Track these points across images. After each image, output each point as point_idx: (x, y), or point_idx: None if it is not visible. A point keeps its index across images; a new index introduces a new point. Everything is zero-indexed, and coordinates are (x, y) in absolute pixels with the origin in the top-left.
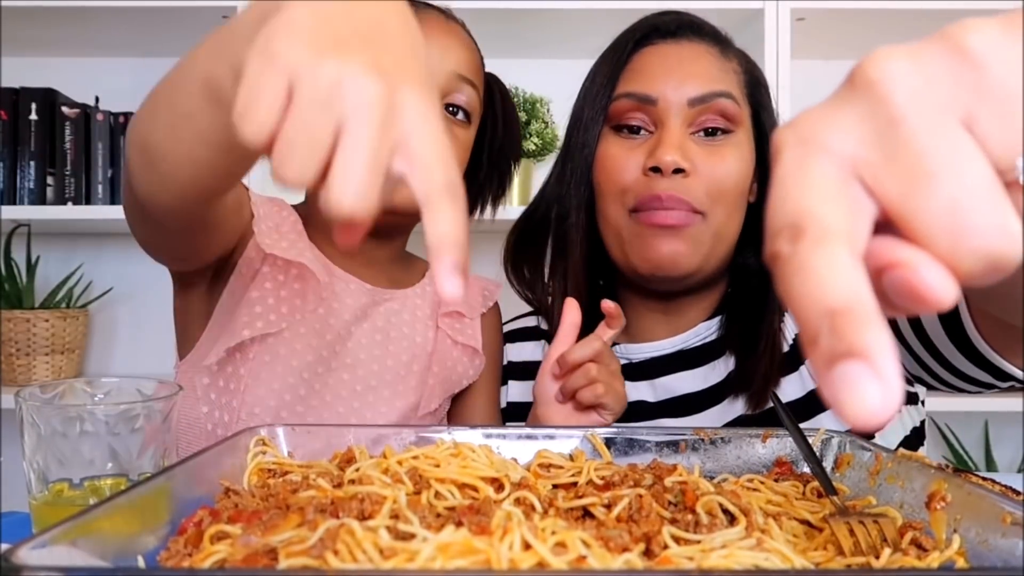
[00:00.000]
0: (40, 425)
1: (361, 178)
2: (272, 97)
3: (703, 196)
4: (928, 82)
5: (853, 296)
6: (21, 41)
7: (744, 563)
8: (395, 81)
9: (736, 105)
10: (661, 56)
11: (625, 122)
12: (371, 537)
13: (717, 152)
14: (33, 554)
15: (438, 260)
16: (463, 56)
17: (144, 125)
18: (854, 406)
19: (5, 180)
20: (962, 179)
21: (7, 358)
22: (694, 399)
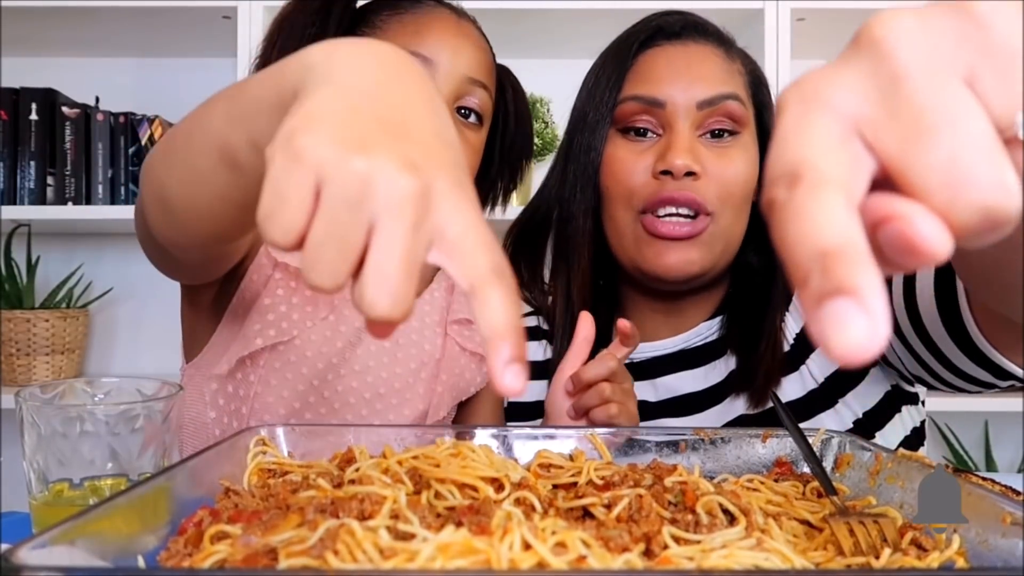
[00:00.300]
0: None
1: (397, 282)
2: (299, 198)
3: (713, 198)
4: (931, 40)
5: (845, 238)
6: (21, 41)
7: (744, 563)
8: (426, 173)
9: (743, 107)
10: (668, 58)
11: (632, 124)
12: (371, 537)
13: (725, 154)
14: (33, 554)
15: (494, 353)
16: (475, 58)
17: (160, 174)
18: (840, 340)
19: (5, 180)
20: (961, 134)
21: (7, 358)
22: (695, 399)
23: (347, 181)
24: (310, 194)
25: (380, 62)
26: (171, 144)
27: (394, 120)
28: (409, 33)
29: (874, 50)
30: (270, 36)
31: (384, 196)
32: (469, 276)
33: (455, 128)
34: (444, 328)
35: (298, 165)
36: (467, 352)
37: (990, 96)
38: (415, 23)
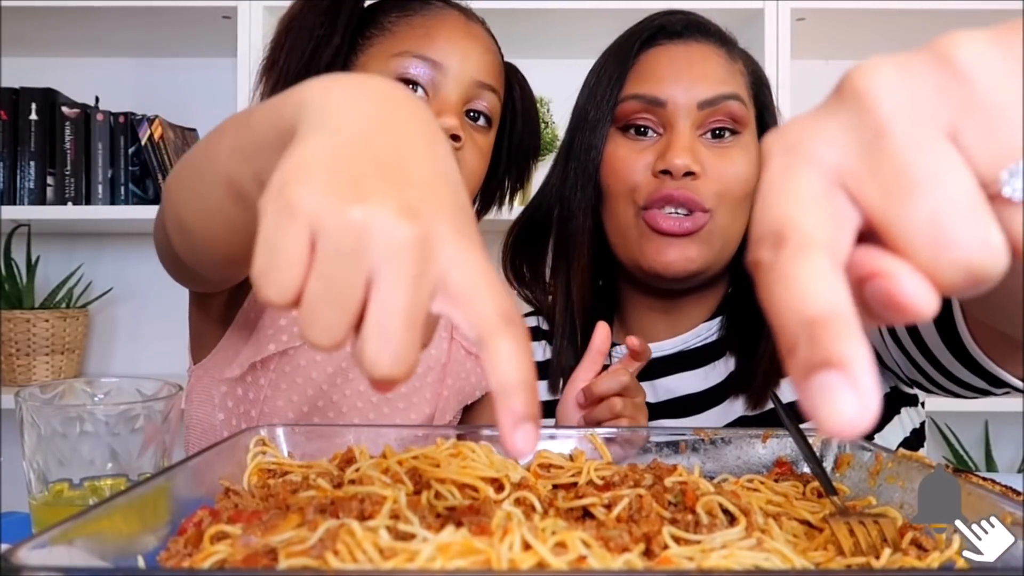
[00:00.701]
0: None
1: (399, 339)
2: (293, 253)
3: (711, 196)
4: (914, 94)
5: (832, 306)
6: (21, 41)
7: (744, 563)
8: (426, 218)
9: (744, 107)
10: (669, 57)
11: (633, 122)
12: (371, 537)
13: (726, 154)
14: (33, 554)
15: (504, 409)
16: (484, 61)
17: (176, 200)
18: (831, 416)
19: (5, 180)
20: (944, 191)
21: (7, 358)
22: (694, 400)
23: (342, 232)
24: (304, 248)
25: (376, 101)
26: (184, 172)
27: (391, 163)
28: (419, 36)
29: (857, 102)
30: (277, 38)
31: (382, 246)
32: (476, 325)
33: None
34: (450, 332)
35: (291, 218)
36: (472, 356)
37: (973, 151)
38: (424, 25)
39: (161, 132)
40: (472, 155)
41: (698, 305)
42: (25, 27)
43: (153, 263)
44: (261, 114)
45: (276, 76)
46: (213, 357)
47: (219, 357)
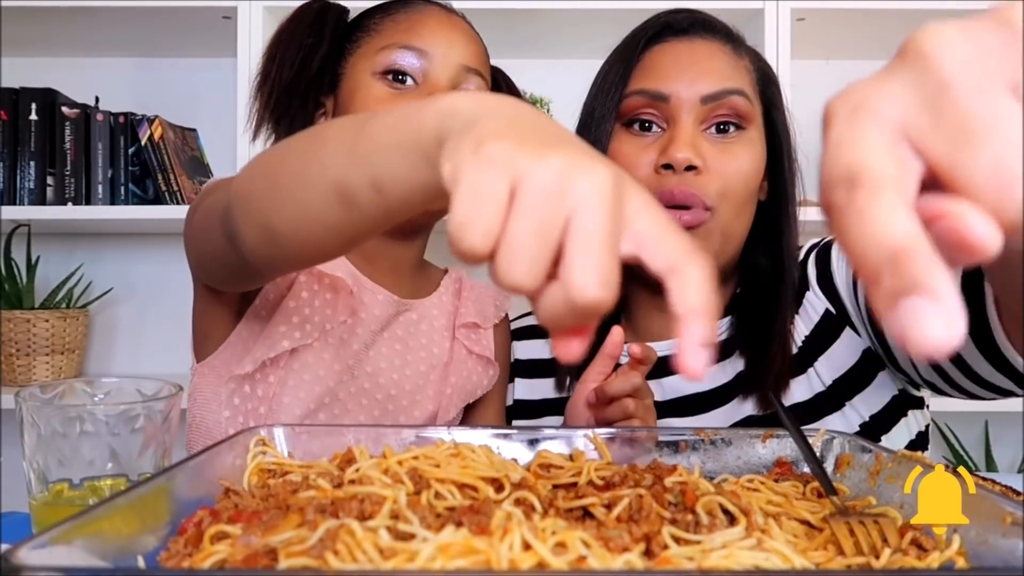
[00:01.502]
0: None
1: (605, 262)
2: (496, 202)
3: (713, 193)
4: (976, 52)
5: (912, 237)
6: (21, 41)
7: (744, 563)
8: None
9: (748, 103)
10: (674, 53)
11: (637, 117)
12: (371, 537)
13: (729, 149)
14: (33, 554)
15: (687, 332)
16: (468, 47)
17: (264, 206)
18: (922, 337)
19: (5, 180)
20: (1006, 137)
21: (7, 358)
22: (701, 399)
23: (546, 175)
24: (506, 196)
25: (522, 104)
26: (276, 178)
27: (563, 137)
28: (402, 30)
29: (921, 61)
30: (270, 51)
31: (585, 185)
32: (668, 257)
33: None
34: (452, 332)
35: (492, 167)
36: (474, 355)
37: None
38: (407, 20)
39: (161, 132)
40: None
41: None
42: (25, 27)
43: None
44: (388, 123)
45: (270, 87)
46: (220, 355)
47: (227, 354)
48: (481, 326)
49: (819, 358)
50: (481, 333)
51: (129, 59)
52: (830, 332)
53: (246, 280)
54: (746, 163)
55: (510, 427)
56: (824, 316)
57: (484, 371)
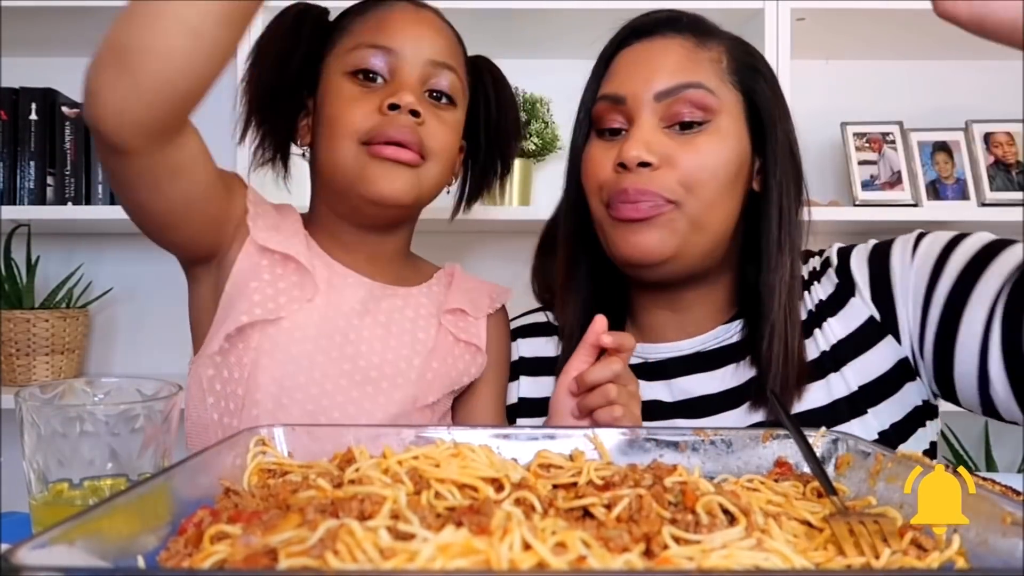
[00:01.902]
0: (40, 425)
1: None
2: None
3: (675, 186)
4: None
5: None
6: (21, 41)
7: (744, 563)
8: None
9: (710, 94)
10: (633, 56)
11: (606, 125)
12: (371, 537)
13: (690, 143)
14: (33, 554)
15: None
16: (436, 42)
17: (126, 27)
18: None
19: (5, 180)
20: None
21: (7, 358)
22: (711, 401)
23: None
24: None
25: None
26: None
27: None
28: (370, 29)
29: None
30: (252, 55)
31: None
32: None
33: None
34: (439, 319)
35: None
36: (461, 342)
37: None
38: (375, 19)
39: None
40: (439, 129)
41: (702, 301)
42: (25, 27)
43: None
44: None
45: (253, 90)
46: (205, 344)
47: (205, 341)
48: (469, 314)
49: (851, 362)
50: (470, 321)
51: None
52: (868, 339)
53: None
54: (710, 156)
55: (511, 426)
56: (866, 322)
57: (472, 359)
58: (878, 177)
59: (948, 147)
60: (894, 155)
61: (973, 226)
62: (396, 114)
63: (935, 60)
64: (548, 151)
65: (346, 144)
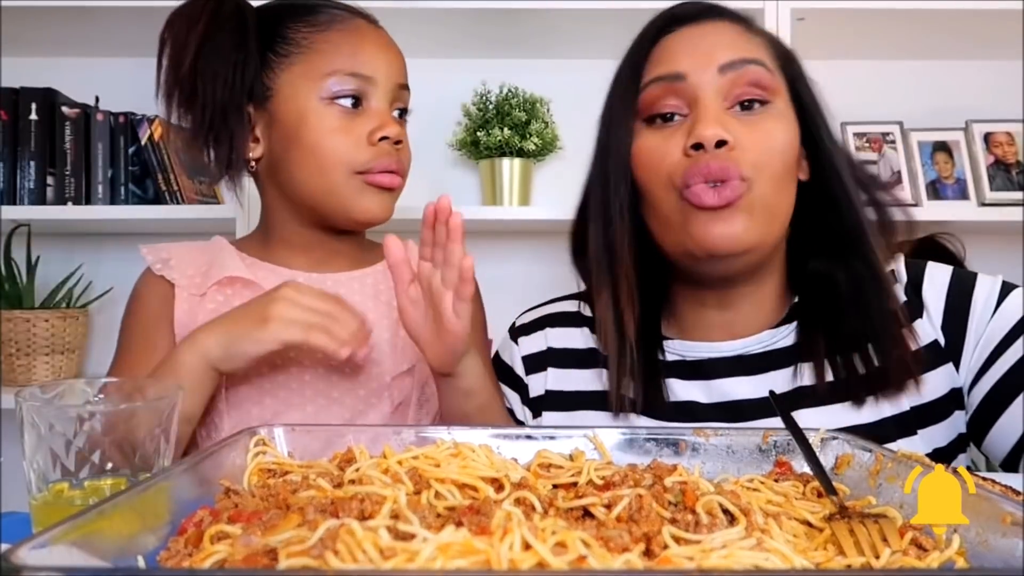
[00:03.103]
0: (40, 425)
1: None
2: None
3: (747, 165)
4: None
5: None
6: (21, 41)
7: (744, 563)
8: None
9: (769, 73)
10: (685, 37)
11: (658, 111)
12: (371, 537)
13: (758, 125)
14: (33, 554)
15: None
16: (400, 64)
17: None
18: None
19: (5, 180)
20: None
21: (7, 358)
22: (750, 406)
23: None
24: None
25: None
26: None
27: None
28: (345, 54)
29: None
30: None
31: None
32: None
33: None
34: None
35: None
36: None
37: None
38: (347, 42)
39: (161, 132)
40: (406, 148)
41: (752, 300)
42: (25, 27)
43: None
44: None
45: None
46: None
47: None
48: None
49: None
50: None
51: (129, 59)
52: (929, 362)
53: None
54: (778, 137)
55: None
56: (929, 345)
57: None
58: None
59: (948, 147)
60: (894, 155)
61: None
62: (385, 144)
63: (935, 60)
64: (548, 151)
65: (338, 173)
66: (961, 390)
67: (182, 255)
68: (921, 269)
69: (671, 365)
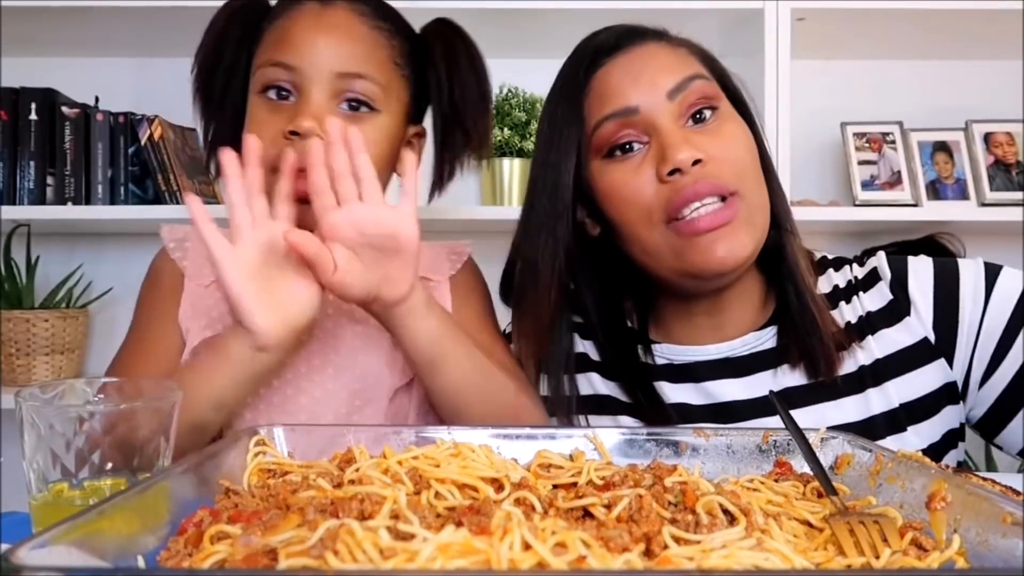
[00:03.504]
0: (40, 425)
1: None
2: None
3: (730, 176)
4: None
5: None
6: (21, 41)
7: (744, 563)
8: None
9: (709, 82)
10: (620, 68)
11: (616, 142)
12: (371, 537)
13: (717, 132)
14: (33, 554)
15: None
16: (340, 51)
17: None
18: None
19: (5, 180)
20: None
21: (7, 358)
22: (742, 407)
23: None
24: None
25: None
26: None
27: None
28: (275, 41)
29: None
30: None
31: None
32: None
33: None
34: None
35: None
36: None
37: None
38: (281, 28)
39: (161, 132)
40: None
41: (739, 301)
42: (25, 27)
43: None
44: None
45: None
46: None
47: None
48: (431, 279)
49: (895, 379)
50: (432, 286)
51: (129, 59)
52: (918, 359)
53: None
54: (740, 137)
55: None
56: (919, 343)
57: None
58: (878, 177)
59: (948, 147)
60: (894, 155)
61: (973, 226)
62: (297, 139)
63: (935, 60)
64: None
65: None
66: (955, 385)
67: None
68: (904, 265)
69: (660, 369)
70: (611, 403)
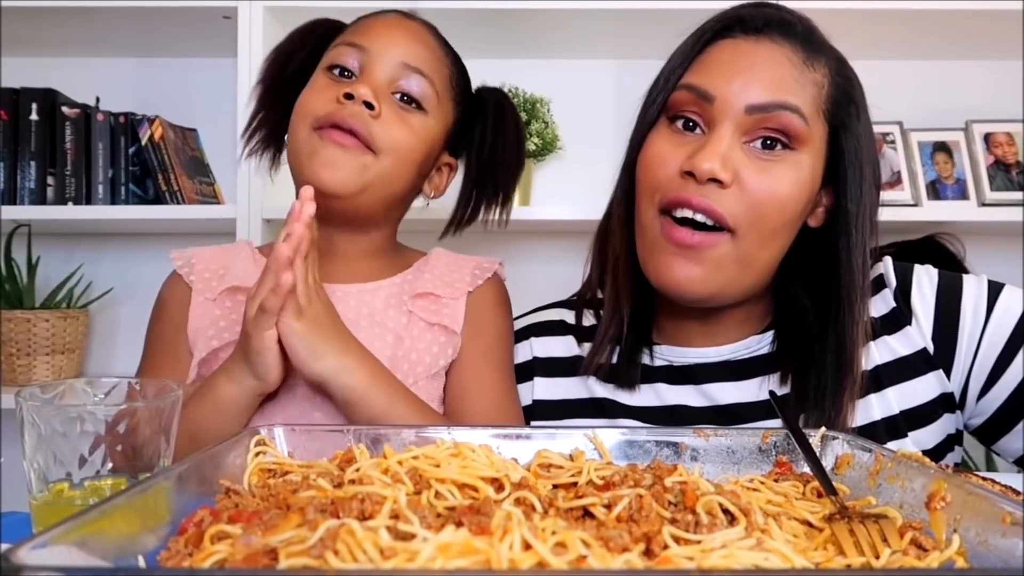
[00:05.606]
0: (40, 425)
1: None
2: None
3: (739, 211)
4: None
5: None
6: (21, 41)
7: (744, 563)
8: None
9: (803, 122)
10: (733, 52)
11: (681, 113)
12: (371, 537)
13: (769, 168)
14: (33, 554)
15: None
16: (411, 47)
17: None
18: None
19: (5, 180)
20: None
21: (7, 358)
22: (741, 410)
23: None
24: None
25: None
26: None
27: None
28: (351, 31)
29: None
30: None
31: None
32: None
33: None
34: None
35: None
36: (434, 326)
37: None
38: (364, 23)
39: (161, 132)
40: (396, 127)
41: (735, 318)
42: (25, 27)
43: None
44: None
45: (261, 86)
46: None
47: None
48: (441, 296)
49: (895, 386)
50: (443, 303)
51: (129, 59)
52: (916, 368)
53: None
54: (784, 186)
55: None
56: (918, 352)
57: (447, 341)
58: None
59: (948, 147)
60: (894, 155)
61: (973, 226)
62: (349, 103)
63: (935, 60)
64: (548, 151)
65: (302, 127)
66: (952, 395)
67: (204, 257)
68: (909, 274)
69: (659, 370)
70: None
